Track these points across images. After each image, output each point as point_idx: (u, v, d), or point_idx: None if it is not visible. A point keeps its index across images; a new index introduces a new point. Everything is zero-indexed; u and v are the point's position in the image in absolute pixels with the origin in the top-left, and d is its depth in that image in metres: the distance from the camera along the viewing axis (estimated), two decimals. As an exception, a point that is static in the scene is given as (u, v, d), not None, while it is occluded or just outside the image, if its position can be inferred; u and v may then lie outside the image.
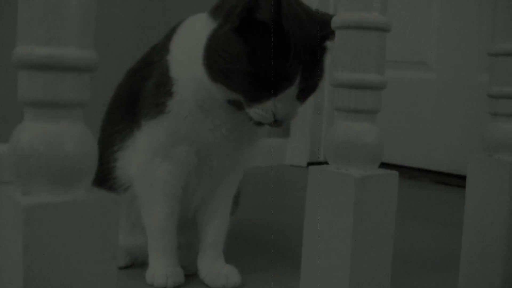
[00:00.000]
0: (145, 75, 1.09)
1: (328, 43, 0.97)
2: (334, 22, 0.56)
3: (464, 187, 0.85)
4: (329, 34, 0.92)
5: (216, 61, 0.96)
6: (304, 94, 0.96)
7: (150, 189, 1.06)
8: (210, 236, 1.11)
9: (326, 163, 0.58)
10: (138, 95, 1.07)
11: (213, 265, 1.11)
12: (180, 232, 1.14)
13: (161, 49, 1.06)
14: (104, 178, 1.10)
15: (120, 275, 1.13)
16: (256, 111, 0.94)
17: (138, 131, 1.07)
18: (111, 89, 1.18)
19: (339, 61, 0.56)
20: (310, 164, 2.55)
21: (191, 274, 1.15)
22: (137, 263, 1.17)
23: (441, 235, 1.55)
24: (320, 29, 0.91)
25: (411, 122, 2.35)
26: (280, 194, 1.99)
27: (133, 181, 1.08)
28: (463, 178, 2.19)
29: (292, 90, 0.93)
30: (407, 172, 2.31)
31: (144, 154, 1.06)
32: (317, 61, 0.92)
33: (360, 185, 0.54)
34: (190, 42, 1.00)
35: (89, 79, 0.37)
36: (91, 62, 0.37)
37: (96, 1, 0.37)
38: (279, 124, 0.95)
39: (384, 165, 2.10)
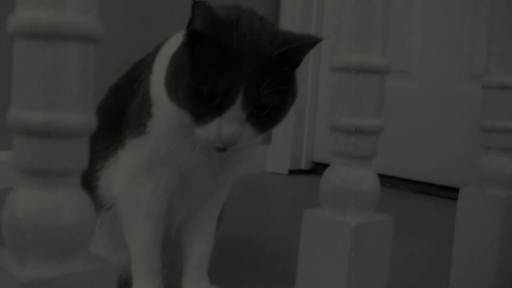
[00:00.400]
0: (128, 92, 1.06)
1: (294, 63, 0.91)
2: (332, 64, 0.55)
3: (445, 197, 0.85)
4: (287, 52, 0.85)
5: (168, 77, 0.92)
6: (261, 121, 0.90)
7: (133, 209, 1.05)
8: (194, 258, 1.10)
9: (308, 171, 0.57)
10: (123, 112, 1.05)
11: (197, 286, 1.10)
12: (163, 251, 1.12)
13: (146, 68, 1.03)
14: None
15: (102, 297, 1.11)
16: (201, 132, 0.90)
17: (122, 150, 1.05)
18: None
19: (337, 104, 0.55)
20: (291, 171, 2.55)
21: (174, 294, 1.13)
22: (121, 282, 1.16)
23: (422, 248, 1.56)
24: (278, 47, 0.86)
25: (392, 131, 2.35)
26: (262, 203, 1.99)
27: (116, 201, 1.06)
28: (444, 188, 2.20)
29: (237, 111, 0.87)
30: (388, 181, 2.32)
31: (127, 173, 1.04)
32: (268, 81, 0.86)
33: (356, 233, 0.53)
34: (166, 62, 0.97)
35: (87, 143, 0.36)
36: (90, 127, 0.36)
37: (94, 65, 0.35)
38: (223, 150, 0.90)
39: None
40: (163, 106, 0.96)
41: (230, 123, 0.85)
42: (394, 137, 2.33)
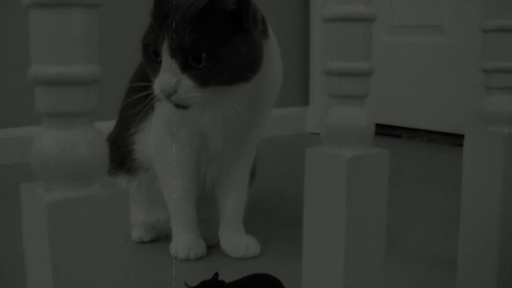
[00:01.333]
0: None
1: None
2: (323, 15, 0.61)
3: None
4: (212, 5, 0.90)
5: None
6: (200, 73, 0.93)
7: (165, 167, 1.14)
8: (229, 210, 1.19)
9: None
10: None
11: (233, 236, 1.19)
12: (201, 206, 1.21)
13: None
14: (124, 160, 1.18)
15: (146, 249, 1.21)
16: (153, 87, 0.98)
17: (152, 113, 1.14)
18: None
19: (329, 51, 0.61)
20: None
21: (213, 246, 1.22)
22: (161, 237, 1.25)
23: (441, 193, 1.60)
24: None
25: (428, 86, 2.37)
26: (300, 162, 2.05)
27: (152, 162, 1.16)
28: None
29: (167, 61, 0.92)
30: (426, 136, 2.35)
31: (157, 135, 1.14)
32: (190, 29, 0.90)
33: (351, 165, 0.59)
34: None
35: (96, 89, 0.43)
36: (96, 76, 0.43)
37: (97, 22, 0.42)
38: (178, 106, 0.95)
39: (403, 129, 2.16)
40: None
41: (163, 74, 0.93)
42: (431, 92, 2.35)
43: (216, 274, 0.91)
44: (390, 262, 1.09)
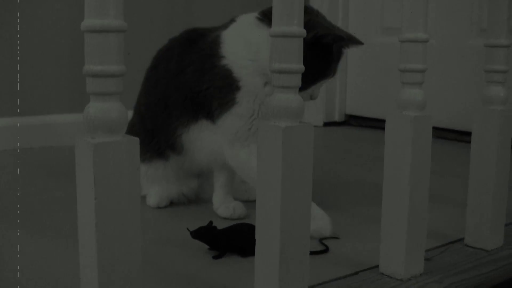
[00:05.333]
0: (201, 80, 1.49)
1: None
2: (270, 32, 0.96)
3: (459, 140, 1.19)
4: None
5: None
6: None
7: (249, 172, 1.50)
8: (223, 178, 1.56)
9: (342, 122, 0.96)
10: (194, 96, 1.49)
11: (224, 200, 1.56)
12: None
13: (209, 57, 1.48)
14: (162, 149, 1.57)
15: (164, 213, 1.58)
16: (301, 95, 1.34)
17: (202, 119, 1.52)
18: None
19: (272, 56, 0.96)
20: (326, 123, 2.94)
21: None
22: (185, 201, 1.66)
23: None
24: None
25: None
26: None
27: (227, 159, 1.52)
28: (459, 132, 2.53)
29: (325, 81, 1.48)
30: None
31: (231, 142, 1.51)
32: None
33: (285, 132, 0.94)
34: (249, 47, 1.43)
35: (122, 80, 0.79)
36: (123, 72, 0.79)
37: (124, 35, 0.78)
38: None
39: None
40: (248, 77, 1.43)
41: (318, 88, 1.56)
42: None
43: (211, 222, 1.27)
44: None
